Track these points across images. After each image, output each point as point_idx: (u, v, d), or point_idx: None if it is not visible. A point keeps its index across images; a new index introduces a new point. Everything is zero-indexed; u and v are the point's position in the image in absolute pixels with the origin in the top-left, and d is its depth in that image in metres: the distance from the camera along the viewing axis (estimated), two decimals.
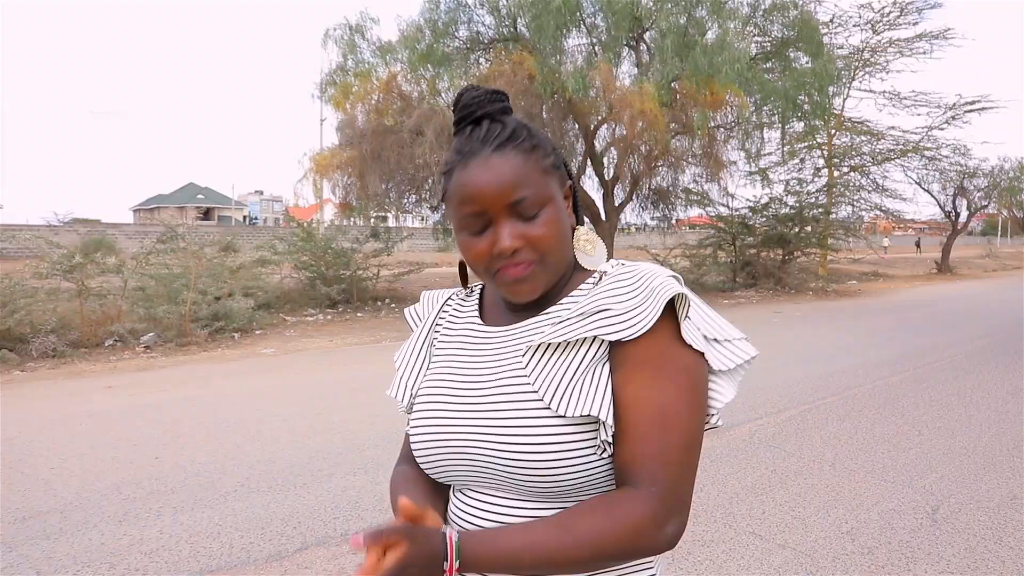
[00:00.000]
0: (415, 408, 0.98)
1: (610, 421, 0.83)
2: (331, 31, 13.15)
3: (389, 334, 10.06)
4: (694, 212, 19.42)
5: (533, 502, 0.87)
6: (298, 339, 9.73)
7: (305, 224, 13.57)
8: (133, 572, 2.89)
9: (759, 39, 14.62)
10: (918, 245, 41.19)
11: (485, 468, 0.88)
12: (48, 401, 6.12)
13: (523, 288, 0.89)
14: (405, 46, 12.52)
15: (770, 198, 19.06)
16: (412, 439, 0.96)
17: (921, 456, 4.51)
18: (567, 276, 0.94)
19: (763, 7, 13.65)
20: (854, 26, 23.77)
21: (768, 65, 14.42)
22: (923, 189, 27.16)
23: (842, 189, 24.11)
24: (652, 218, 17.85)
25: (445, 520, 0.96)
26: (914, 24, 23.59)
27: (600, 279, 0.90)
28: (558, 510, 0.85)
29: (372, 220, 15.57)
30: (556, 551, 0.80)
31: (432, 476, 0.96)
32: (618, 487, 0.85)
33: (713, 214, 18.45)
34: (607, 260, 0.94)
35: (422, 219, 17.51)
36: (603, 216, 14.77)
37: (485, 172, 0.86)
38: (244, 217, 63.71)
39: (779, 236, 18.50)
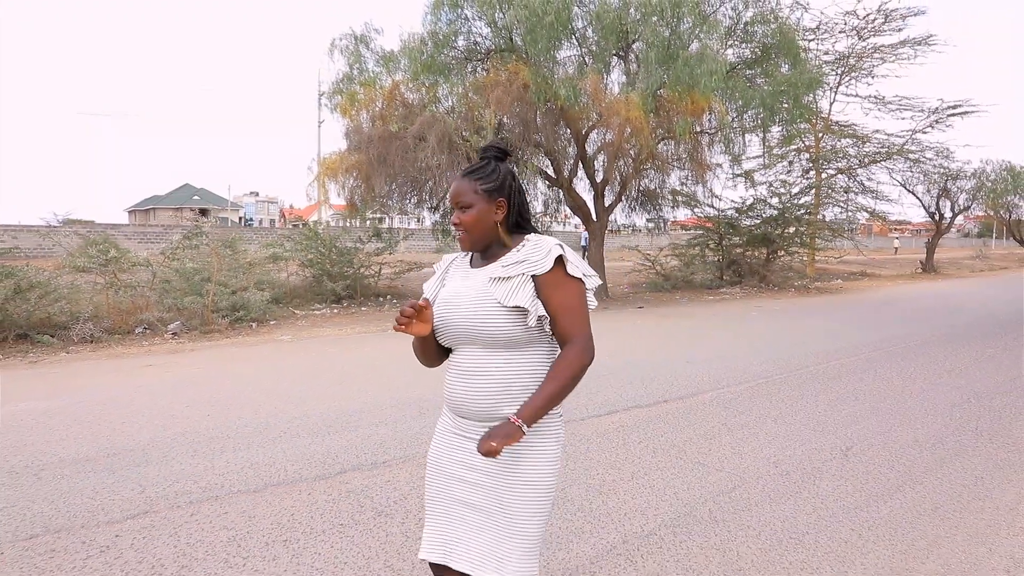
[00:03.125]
0: (437, 303, 1.86)
1: (533, 308, 1.69)
2: (337, 41, 13.89)
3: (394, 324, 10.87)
4: (682, 214, 20.22)
5: (488, 349, 1.74)
6: (310, 328, 10.55)
7: (310, 224, 14.37)
8: (212, 486, 3.72)
9: (744, 46, 15.47)
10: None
11: (468, 332, 1.75)
12: (99, 376, 6.93)
13: (462, 245, 1.81)
14: (407, 56, 13.30)
15: (754, 199, 19.93)
16: (435, 318, 1.84)
17: (851, 414, 5.36)
18: (505, 245, 1.81)
19: (744, 19, 14.52)
20: (840, 32, 24.78)
21: (751, 72, 15.27)
22: (908, 191, 28.20)
23: (828, 191, 25.03)
24: (647, 220, 18.56)
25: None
26: (898, 31, 24.68)
27: (524, 244, 1.77)
28: (501, 353, 1.73)
29: (369, 221, 16.28)
30: (554, 391, 1.67)
31: (440, 340, 1.85)
32: (562, 347, 1.75)
33: (701, 215, 19.30)
34: (539, 236, 1.83)
35: (418, 220, 18.16)
36: (594, 216, 15.59)
37: (456, 186, 1.79)
38: (240, 218, 64.31)
39: (763, 236, 19.38)
